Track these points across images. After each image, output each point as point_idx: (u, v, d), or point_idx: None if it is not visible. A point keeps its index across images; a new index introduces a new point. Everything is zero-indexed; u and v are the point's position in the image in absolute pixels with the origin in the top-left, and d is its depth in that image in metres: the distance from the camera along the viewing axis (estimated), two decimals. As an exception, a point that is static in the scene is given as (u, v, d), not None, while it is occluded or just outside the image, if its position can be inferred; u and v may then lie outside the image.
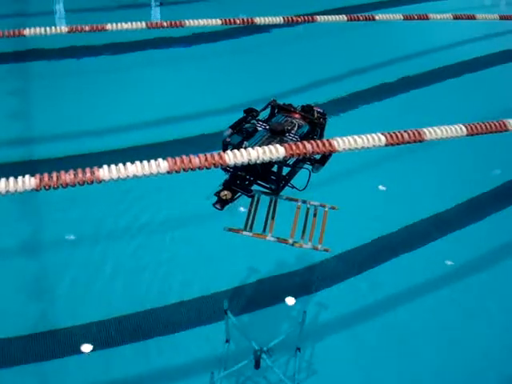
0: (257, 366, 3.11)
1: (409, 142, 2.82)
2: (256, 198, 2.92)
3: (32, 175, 2.29)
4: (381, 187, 4.53)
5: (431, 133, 2.87)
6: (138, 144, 4.66)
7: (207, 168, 2.47)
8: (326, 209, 2.93)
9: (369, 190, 4.53)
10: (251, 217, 2.88)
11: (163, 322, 3.47)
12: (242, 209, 3.06)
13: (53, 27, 4.34)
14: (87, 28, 4.39)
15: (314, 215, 2.89)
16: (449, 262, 3.98)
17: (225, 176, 2.80)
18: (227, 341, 3.29)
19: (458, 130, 2.94)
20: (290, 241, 2.80)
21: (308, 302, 3.55)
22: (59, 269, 3.74)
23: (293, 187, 2.86)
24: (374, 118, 5.12)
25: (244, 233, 2.83)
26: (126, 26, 4.46)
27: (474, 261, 4.04)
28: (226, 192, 2.67)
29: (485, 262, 4.04)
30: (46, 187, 2.32)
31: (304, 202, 2.93)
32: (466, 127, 2.96)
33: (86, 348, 3.29)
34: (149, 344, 3.34)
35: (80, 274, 3.70)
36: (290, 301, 3.56)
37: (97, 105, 5.39)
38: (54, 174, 2.34)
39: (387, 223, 4.21)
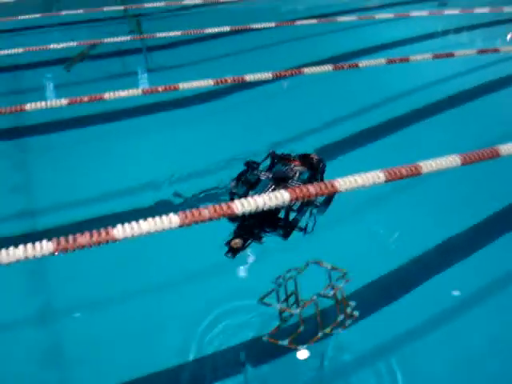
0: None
1: (407, 177, 2.92)
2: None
3: (49, 239, 2.36)
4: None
5: (427, 166, 2.97)
6: (138, 207, 4.69)
7: (217, 219, 2.54)
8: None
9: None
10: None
11: (183, 381, 3.41)
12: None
13: (53, 100, 4.50)
14: (86, 99, 4.54)
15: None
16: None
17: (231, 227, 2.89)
18: (248, 393, 3.29)
19: (452, 160, 3.04)
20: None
21: (325, 344, 3.48)
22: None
23: (300, 230, 2.95)
24: (370, 158, 5.19)
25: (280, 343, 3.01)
26: (122, 93, 4.62)
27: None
28: (236, 240, 2.75)
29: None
30: (64, 250, 2.39)
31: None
32: (459, 157, 3.06)
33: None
34: None
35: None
36: (303, 354, 3.41)
37: (100, 172, 5.48)
38: (70, 237, 2.41)
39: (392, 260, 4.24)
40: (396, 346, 3.59)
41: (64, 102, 4.55)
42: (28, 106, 4.37)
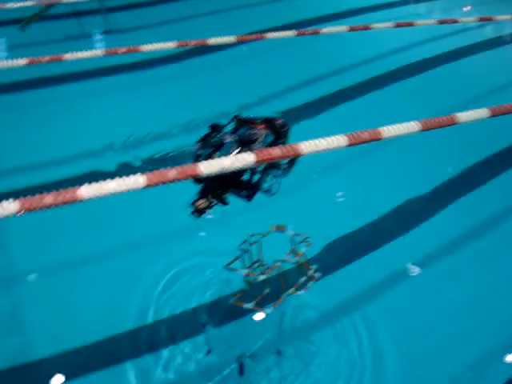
0: (241, 372, 3.19)
1: (368, 141, 3.00)
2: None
3: (14, 199, 2.35)
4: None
5: (389, 130, 3.05)
6: (104, 169, 4.68)
7: (182, 180, 2.57)
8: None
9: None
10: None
11: (143, 341, 3.45)
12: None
13: (12, 60, 4.37)
14: (46, 59, 4.44)
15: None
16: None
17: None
18: (209, 351, 3.33)
19: (412, 126, 3.14)
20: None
21: (286, 304, 3.57)
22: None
23: (264, 192, 3.01)
24: (332, 123, 5.29)
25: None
26: (83, 54, 4.53)
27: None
28: (201, 201, 2.78)
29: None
30: (29, 210, 2.38)
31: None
32: (419, 123, 3.16)
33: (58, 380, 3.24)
34: (127, 366, 3.31)
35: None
36: (264, 315, 3.47)
37: (63, 132, 5.41)
38: (36, 196, 2.39)
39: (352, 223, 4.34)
40: (354, 305, 3.71)
41: (23, 61, 4.42)
42: (-13, 65, 4.25)
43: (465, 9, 9.20)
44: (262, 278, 3.21)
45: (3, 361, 3.32)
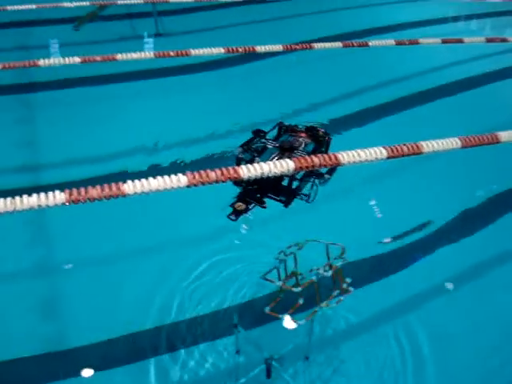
0: (268, 375, 3.21)
1: (408, 155, 3.01)
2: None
3: (62, 190, 2.45)
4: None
5: (428, 146, 3.06)
6: (144, 168, 4.79)
7: (223, 181, 2.63)
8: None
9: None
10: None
11: (173, 337, 3.51)
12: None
13: (66, 58, 4.52)
14: (99, 58, 4.58)
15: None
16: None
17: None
18: (237, 352, 3.37)
19: (453, 142, 3.13)
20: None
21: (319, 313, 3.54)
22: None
23: (302, 199, 3.05)
24: (375, 135, 5.26)
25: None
26: (135, 55, 4.66)
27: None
28: (240, 203, 2.85)
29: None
30: (75, 201, 2.48)
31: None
32: (460, 140, 3.15)
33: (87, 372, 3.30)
34: (158, 360, 3.36)
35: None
36: (290, 324, 3.44)
37: (111, 129, 5.55)
38: (83, 189, 2.50)
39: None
40: (385, 318, 3.71)
41: (77, 59, 4.58)
42: (41, 62, 4.40)
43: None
44: (296, 290, 3.24)
45: (37, 347, 3.41)
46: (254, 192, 2.93)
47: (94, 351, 3.43)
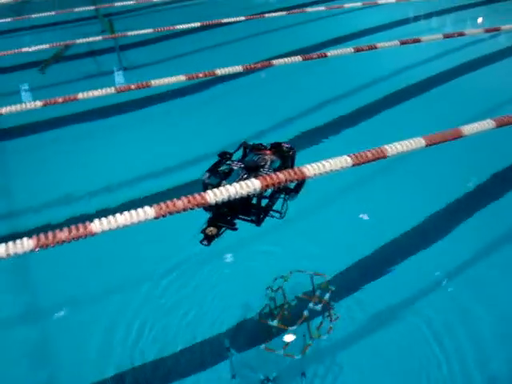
0: (265, 396, 3.21)
1: (373, 160, 3.00)
2: None
3: (29, 237, 2.43)
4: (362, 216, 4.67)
5: (392, 149, 3.05)
6: (114, 203, 4.76)
7: (191, 209, 2.62)
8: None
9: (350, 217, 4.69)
10: None
11: (166, 369, 3.49)
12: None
13: (28, 103, 4.53)
14: (60, 100, 4.58)
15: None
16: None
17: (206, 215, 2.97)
18: (233, 376, 3.36)
19: (417, 142, 3.12)
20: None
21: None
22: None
23: (272, 217, 3.05)
24: (339, 145, 5.36)
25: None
26: (96, 93, 4.66)
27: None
28: (211, 228, 2.84)
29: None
30: (44, 246, 2.45)
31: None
32: (424, 139, 3.14)
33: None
34: None
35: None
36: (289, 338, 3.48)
37: (76, 171, 5.57)
38: (50, 234, 2.47)
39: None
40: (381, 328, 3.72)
41: (38, 103, 4.58)
42: (3, 110, 4.40)
43: (474, 20, 9.23)
44: (292, 328, 3.31)
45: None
46: (225, 215, 2.93)
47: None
